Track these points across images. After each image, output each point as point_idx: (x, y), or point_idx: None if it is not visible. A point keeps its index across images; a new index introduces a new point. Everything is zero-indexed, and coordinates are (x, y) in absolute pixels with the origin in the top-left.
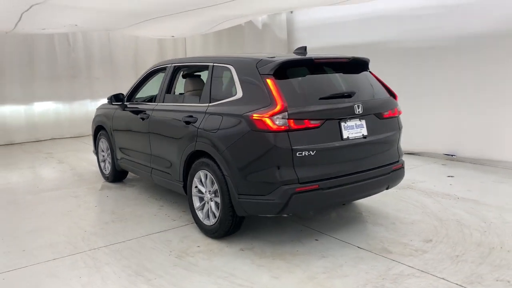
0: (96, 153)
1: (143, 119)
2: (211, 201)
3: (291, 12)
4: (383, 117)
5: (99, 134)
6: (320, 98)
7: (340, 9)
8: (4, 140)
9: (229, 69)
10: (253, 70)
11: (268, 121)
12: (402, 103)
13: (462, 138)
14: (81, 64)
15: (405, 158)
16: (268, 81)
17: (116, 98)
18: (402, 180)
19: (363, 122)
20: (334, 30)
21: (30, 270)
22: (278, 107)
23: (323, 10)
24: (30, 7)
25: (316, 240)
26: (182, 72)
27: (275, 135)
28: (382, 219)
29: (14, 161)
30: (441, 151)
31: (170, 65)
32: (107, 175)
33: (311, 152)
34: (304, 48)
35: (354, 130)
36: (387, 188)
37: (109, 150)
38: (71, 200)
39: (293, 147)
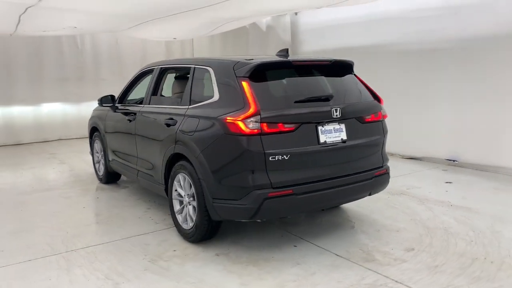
0: (92, 154)
1: (130, 121)
2: (189, 204)
3: (296, 14)
4: (365, 121)
5: (94, 135)
6: (296, 102)
7: (344, 11)
8: (12, 140)
9: (208, 71)
10: (230, 73)
11: (240, 124)
12: (403, 106)
13: (464, 143)
14: (89, 65)
15: (405, 163)
16: (243, 83)
17: (105, 100)
18: (388, 185)
19: (342, 126)
20: (338, 32)
21: (1, 271)
22: (251, 110)
23: (327, 12)
24: (26, 9)
25: (295, 246)
26: (168, 74)
27: (248, 139)
28: (367, 226)
29: (18, 161)
30: (443, 156)
31: (157, 67)
32: (100, 177)
33: (285, 156)
34: (286, 50)
35: (332, 134)
36: (369, 194)
37: (102, 151)
38: (62, 201)
39: (266, 151)
